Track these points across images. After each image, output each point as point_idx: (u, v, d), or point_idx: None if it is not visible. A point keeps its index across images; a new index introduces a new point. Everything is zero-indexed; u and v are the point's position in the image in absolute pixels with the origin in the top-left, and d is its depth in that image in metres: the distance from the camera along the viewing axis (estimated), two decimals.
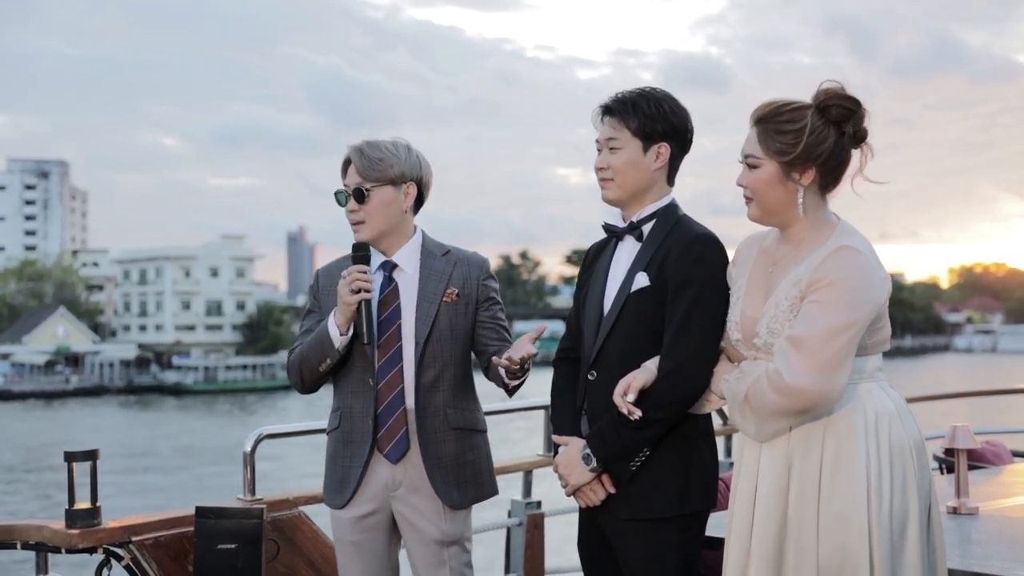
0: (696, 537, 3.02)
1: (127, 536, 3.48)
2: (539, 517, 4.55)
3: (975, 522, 3.50)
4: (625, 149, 3.04)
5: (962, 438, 3.64)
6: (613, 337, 3.02)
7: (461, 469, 3.27)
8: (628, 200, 3.08)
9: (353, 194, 3.28)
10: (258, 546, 3.41)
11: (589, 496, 3.01)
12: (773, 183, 2.78)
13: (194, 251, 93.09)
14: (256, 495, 3.78)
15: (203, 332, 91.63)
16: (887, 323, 2.79)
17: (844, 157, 2.78)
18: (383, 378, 3.24)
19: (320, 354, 3.25)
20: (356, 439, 3.27)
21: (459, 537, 3.29)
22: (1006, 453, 4.75)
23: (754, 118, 2.81)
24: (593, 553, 3.15)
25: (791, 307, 2.71)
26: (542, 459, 4.65)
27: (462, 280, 3.33)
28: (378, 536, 3.31)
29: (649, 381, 2.88)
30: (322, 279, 3.45)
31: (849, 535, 2.62)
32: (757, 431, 2.74)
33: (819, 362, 2.60)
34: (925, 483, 2.72)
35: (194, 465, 38.59)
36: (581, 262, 3.29)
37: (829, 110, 2.75)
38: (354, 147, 3.31)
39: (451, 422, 3.27)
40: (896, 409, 2.73)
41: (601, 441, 2.95)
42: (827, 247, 2.71)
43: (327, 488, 3.36)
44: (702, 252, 2.97)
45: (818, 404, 2.63)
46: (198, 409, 65.53)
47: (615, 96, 3.08)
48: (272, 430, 3.88)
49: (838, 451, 2.67)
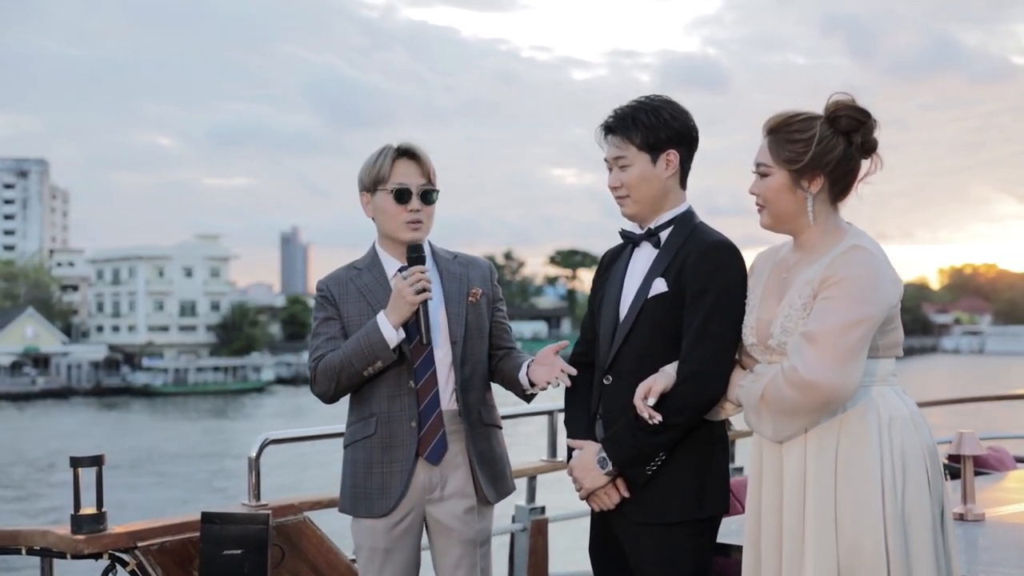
0: (709, 543, 3.02)
1: (132, 542, 3.44)
2: (543, 523, 4.54)
3: (982, 528, 3.52)
4: (635, 165, 3.04)
5: (968, 444, 3.65)
6: (629, 342, 3.01)
7: (494, 465, 3.31)
8: (646, 212, 3.08)
9: (422, 195, 3.26)
10: (264, 552, 3.38)
11: (603, 500, 3.01)
12: (783, 191, 2.82)
13: (168, 251, 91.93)
14: (261, 500, 3.74)
15: (176, 333, 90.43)
16: (899, 326, 2.82)
17: (853, 166, 2.82)
18: (420, 380, 3.22)
19: (369, 357, 3.15)
20: (397, 443, 3.21)
21: (488, 536, 3.31)
22: (1009, 459, 4.77)
23: (766, 128, 2.86)
24: (605, 557, 3.14)
25: (804, 306, 2.74)
26: (546, 464, 4.63)
27: (480, 281, 3.35)
28: (410, 541, 3.26)
29: (668, 386, 2.89)
30: (333, 288, 3.33)
31: (863, 537, 2.64)
32: (775, 431, 2.76)
33: (834, 356, 2.63)
34: (938, 489, 2.74)
35: (144, 472, 37.52)
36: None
37: (839, 121, 2.79)
38: (414, 146, 3.28)
39: (484, 419, 3.29)
40: (910, 415, 2.75)
41: (617, 445, 2.94)
42: (839, 248, 2.75)
43: (358, 497, 3.24)
44: (720, 259, 2.97)
45: (833, 398, 2.65)
46: (167, 412, 64.35)
47: (614, 113, 3.07)
48: (278, 435, 3.84)
49: (852, 451, 2.69)
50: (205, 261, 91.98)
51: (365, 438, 3.25)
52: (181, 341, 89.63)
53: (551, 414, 4.65)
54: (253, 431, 24.75)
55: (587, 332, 3.22)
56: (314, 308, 3.37)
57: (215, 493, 32.10)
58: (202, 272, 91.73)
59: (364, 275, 3.30)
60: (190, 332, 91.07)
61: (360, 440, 3.26)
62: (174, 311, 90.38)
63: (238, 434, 47.26)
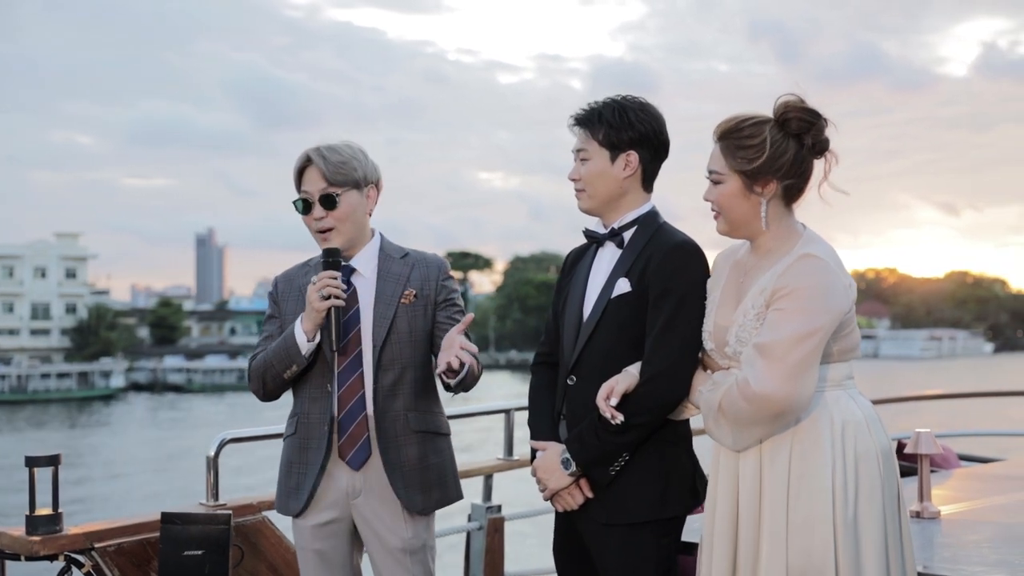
0: (674, 542, 3.04)
1: (89, 543, 3.39)
2: (499, 521, 4.54)
3: (938, 526, 3.58)
4: (593, 160, 3.06)
5: (925, 443, 3.72)
6: (593, 342, 3.03)
7: (424, 473, 3.22)
8: (602, 209, 3.10)
9: (321, 201, 3.20)
10: (225, 552, 3.34)
11: (567, 500, 3.02)
12: (736, 197, 2.81)
13: (18, 250, 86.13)
14: (220, 500, 3.71)
15: (27, 337, 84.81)
16: (854, 330, 2.83)
17: (806, 168, 2.81)
18: (344, 384, 3.19)
19: (286, 360, 3.17)
20: (312, 446, 3.21)
21: (422, 544, 3.24)
22: (954, 457, 4.88)
23: (716, 134, 2.85)
24: (570, 558, 3.15)
25: (757, 316, 2.75)
26: (502, 463, 4.64)
27: (420, 281, 3.28)
28: (340, 544, 3.25)
29: (631, 386, 2.90)
30: (281, 284, 3.36)
31: (814, 541, 2.66)
32: (734, 441, 2.77)
33: (785, 369, 2.64)
34: (892, 490, 2.77)
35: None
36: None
37: (789, 123, 2.78)
38: (313, 151, 3.22)
39: (413, 426, 3.22)
40: (864, 417, 2.77)
41: (581, 445, 2.95)
42: (791, 255, 2.75)
43: (280, 495, 3.30)
44: (684, 260, 2.99)
45: (786, 410, 2.66)
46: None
47: (585, 107, 3.10)
48: (235, 434, 3.81)
49: (805, 459, 2.71)
50: (60, 261, 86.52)
51: (289, 436, 3.29)
52: (33, 345, 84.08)
53: (508, 412, 4.66)
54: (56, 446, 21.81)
55: (551, 332, 3.23)
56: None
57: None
58: (56, 273, 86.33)
59: (310, 274, 3.27)
60: (42, 336, 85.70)
61: (287, 438, 3.30)
62: (25, 313, 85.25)
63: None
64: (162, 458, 40.42)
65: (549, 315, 3.27)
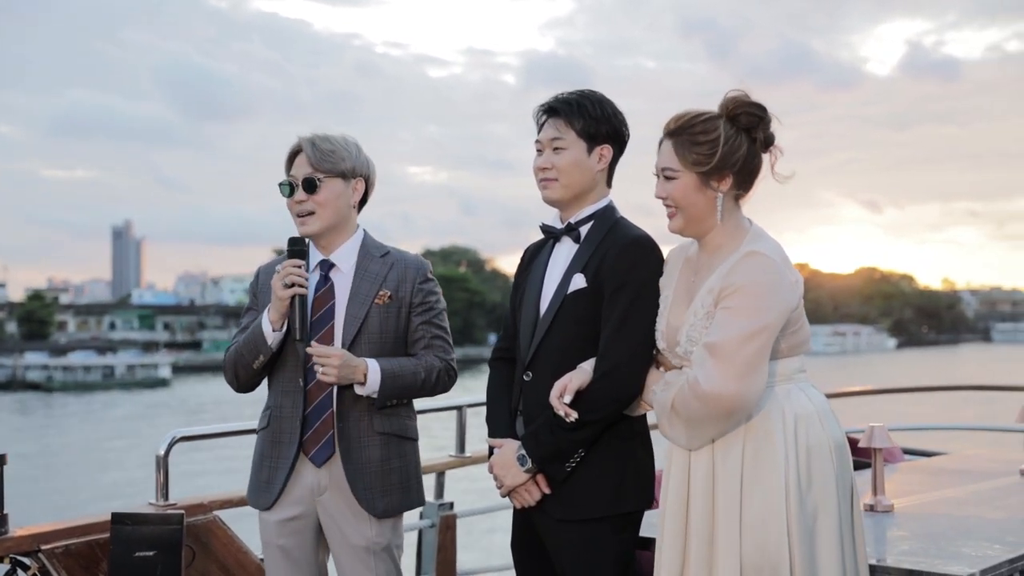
0: (631, 537, 3.04)
1: (35, 544, 3.33)
2: (451, 518, 4.53)
3: (892, 519, 3.62)
4: (570, 150, 3.05)
5: (879, 437, 3.77)
6: (549, 338, 3.02)
7: (386, 476, 3.20)
8: (570, 200, 3.09)
9: (303, 184, 3.21)
10: (178, 553, 3.29)
11: (524, 497, 3.01)
12: (693, 192, 2.82)
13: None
14: (169, 499, 3.65)
15: None
16: (804, 325, 2.85)
17: (757, 163, 2.85)
18: (313, 379, 3.16)
19: (254, 351, 3.18)
20: (284, 440, 3.20)
21: (386, 544, 3.22)
22: (898, 451, 4.95)
23: (667, 131, 2.85)
24: (528, 554, 3.15)
25: (707, 315, 2.76)
26: (454, 460, 4.62)
27: (396, 282, 3.27)
28: (305, 541, 3.23)
29: (585, 382, 2.90)
30: (262, 276, 3.36)
31: (768, 536, 2.68)
32: (688, 440, 2.78)
33: (734, 367, 2.65)
34: (846, 483, 2.79)
35: None
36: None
37: (739, 118, 2.81)
38: (305, 138, 3.26)
39: (377, 427, 3.20)
40: (816, 410, 2.79)
41: (536, 442, 2.95)
42: (738, 252, 2.77)
43: (252, 488, 3.28)
44: (640, 255, 2.99)
45: (738, 408, 2.68)
46: None
47: (557, 97, 3.10)
48: (187, 432, 3.75)
49: (757, 454, 2.72)
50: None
51: (262, 430, 3.28)
52: None
53: (460, 409, 4.65)
54: None
55: (508, 328, 3.23)
56: None
57: None
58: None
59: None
60: None
61: (260, 431, 3.29)
62: None
63: None
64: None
65: (507, 311, 3.27)
